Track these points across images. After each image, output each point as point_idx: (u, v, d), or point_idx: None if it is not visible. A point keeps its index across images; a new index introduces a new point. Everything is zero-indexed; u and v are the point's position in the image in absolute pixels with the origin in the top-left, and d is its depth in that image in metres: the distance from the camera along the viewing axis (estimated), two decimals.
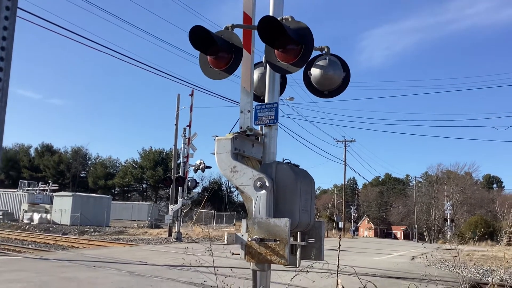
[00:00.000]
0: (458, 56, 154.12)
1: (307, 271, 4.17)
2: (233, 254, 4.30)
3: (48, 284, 8.44)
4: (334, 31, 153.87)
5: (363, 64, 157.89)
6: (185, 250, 9.48)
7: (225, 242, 4.24)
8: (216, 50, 4.68)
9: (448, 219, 57.49)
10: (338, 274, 4.53)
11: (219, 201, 76.78)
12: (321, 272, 4.34)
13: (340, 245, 4.07)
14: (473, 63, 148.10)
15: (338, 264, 3.66)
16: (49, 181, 65.06)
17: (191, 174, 27.78)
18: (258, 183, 4.23)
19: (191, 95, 26.84)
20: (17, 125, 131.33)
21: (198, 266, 10.52)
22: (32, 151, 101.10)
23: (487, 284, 9.43)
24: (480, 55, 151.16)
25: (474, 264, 16.43)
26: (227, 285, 5.06)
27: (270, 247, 4.04)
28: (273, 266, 4.44)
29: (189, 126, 27.11)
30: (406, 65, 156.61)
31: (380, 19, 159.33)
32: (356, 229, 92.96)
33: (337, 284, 3.83)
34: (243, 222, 4.29)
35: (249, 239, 4.11)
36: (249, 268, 4.29)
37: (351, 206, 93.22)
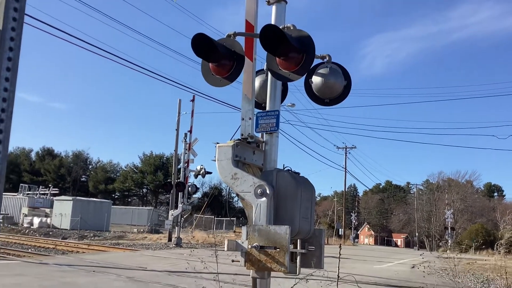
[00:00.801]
0: (460, 64, 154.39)
1: (307, 279, 4.17)
2: (233, 261, 4.30)
3: None
4: (335, 38, 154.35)
5: (364, 72, 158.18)
6: (185, 256, 9.49)
7: (225, 249, 4.25)
8: (218, 58, 4.70)
9: (449, 227, 57.34)
10: (339, 283, 4.53)
11: (219, 206, 76.71)
12: (321, 280, 4.33)
13: (340, 254, 4.08)
14: (475, 72, 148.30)
15: (339, 273, 3.66)
16: (50, 185, 65.07)
17: (191, 180, 27.79)
18: (259, 190, 4.24)
19: (192, 100, 26.88)
20: (18, 129, 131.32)
21: (198, 273, 10.53)
22: (33, 154, 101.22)
23: None
24: (482, 63, 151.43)
25: (474, 273, 16.39)
26: None
27: (270, 255, 4.05)
28: (273, 274, 4.45)
29: (190, 131, 27.13)
30: (408, 73, 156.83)
31: (381, 27, 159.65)
32: (357, 237, 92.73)
33: None
34: (243, 229, 4.30)
35: (249, 246, 4.11)
36: (250, 275, 4.30)
37: (351, 213, 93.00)
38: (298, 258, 4.58)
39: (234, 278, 9.13)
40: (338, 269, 3.72)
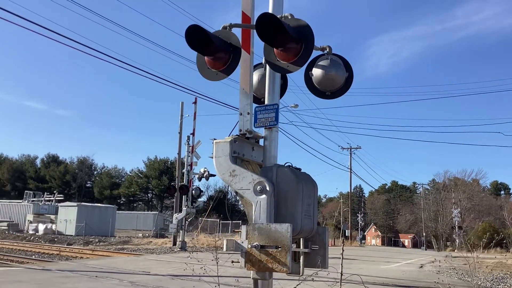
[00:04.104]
0: (466, 62, 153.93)
1: (312, 279, 3.97)
2: (232, 262, 4.11)
3: None
4: (340, 38, 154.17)
5: (370, 71, 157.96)
6: (188, 259, 9.29)
7: (224, 249, 4.05)
8: (214, 50, 4.52)
9: (456, 227, 56.89)
10: (344, 283, 4.32)
11: (225, 209, 76.46)
12: (325, 281, 4.13)
13: (343, 250, 3.87)
14: (480, 69, 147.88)
15: (342, 271, 3.46)
16: (55, 192, 65.10)
17: (196, 183, 27.62)
18: (258, 187, 4.04)
19: (195, 103, 26.73)
20: (23, 136, 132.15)
21: (202, 276, 10.32)
22: (38, 162, 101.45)
23: None
24: (487, 60, 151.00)
25: (484, 271, 16.11)
26: None
27: (271, 254, 3.84)
28: (275, 275, 4.25)
29: (193, 134, 26.99)
30: (413, 72, 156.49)
31: (386, 27, 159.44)
32: (363, 237, 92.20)
33: None
34: (243, 228, 4.10)
35: (249, 246, 3.92)
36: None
37: (357, 214, 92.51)
38: (301, 257, 4.38)
39: (239, 280, 8.95)
40: (342, 267, 3.52)
